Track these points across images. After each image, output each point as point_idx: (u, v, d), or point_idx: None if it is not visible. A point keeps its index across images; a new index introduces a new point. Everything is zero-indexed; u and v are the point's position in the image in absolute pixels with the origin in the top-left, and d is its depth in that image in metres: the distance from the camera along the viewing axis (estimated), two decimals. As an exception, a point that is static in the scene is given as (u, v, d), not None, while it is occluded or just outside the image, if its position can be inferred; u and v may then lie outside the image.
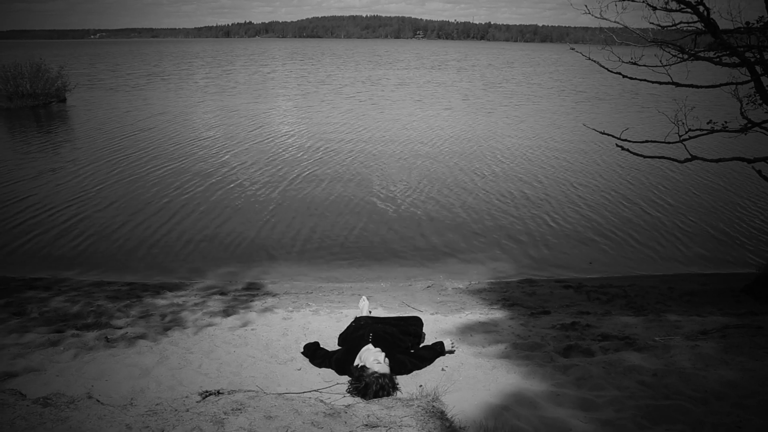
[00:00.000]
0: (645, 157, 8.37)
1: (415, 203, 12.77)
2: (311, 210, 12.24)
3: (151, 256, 9.87)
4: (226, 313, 6.80)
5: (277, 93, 35.79)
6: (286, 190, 13.69)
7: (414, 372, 4.76)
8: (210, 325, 6.23)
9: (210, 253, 10.00)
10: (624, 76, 7.82)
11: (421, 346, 5.31)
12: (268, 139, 20.04)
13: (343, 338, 5.37)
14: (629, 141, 7.95)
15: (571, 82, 45.23)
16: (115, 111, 26.76)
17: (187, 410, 3.72)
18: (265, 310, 6.94)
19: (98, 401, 3.95)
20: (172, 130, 21.70)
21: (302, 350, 5.20)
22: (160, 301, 7.49)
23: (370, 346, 4.78)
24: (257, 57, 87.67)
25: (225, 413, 3.66)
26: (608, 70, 7.87)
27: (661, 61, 7.49)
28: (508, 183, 14.52)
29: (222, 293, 8.07)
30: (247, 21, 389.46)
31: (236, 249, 10.20)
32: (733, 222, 11.71)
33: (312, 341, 5.37)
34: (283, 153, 17.73)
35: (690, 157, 7.82)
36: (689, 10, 7.00)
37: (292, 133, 21.27)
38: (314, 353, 5.09)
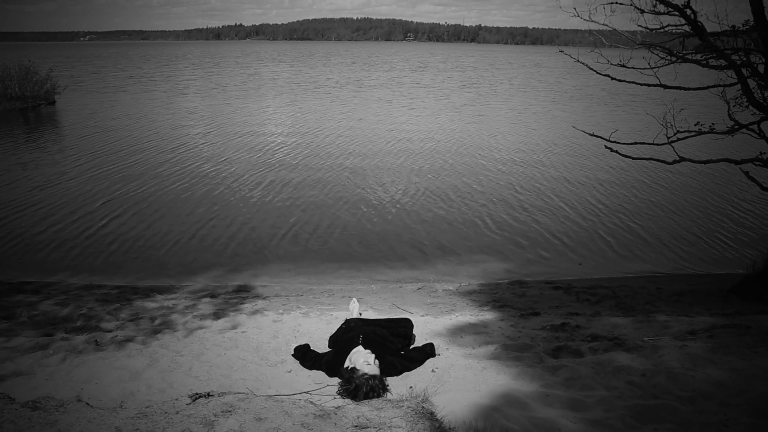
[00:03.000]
0: (633, 158, 8.43)
1: (405, 205, 12.78)
2: (300, 212, 12.22)
3: (141, 260, 9.81)
4: (217, 315, 6.78)
5: (260, 94, 36.08)
6: (273, 192, 13.66)
7: (404, 373, 4.77)
8: (200, 327, 6.21)
9: (200, 256, 9.96)
10: (613, 78, 7.88)
11: (411, 347, 5.32)
12: (255, 139, 20.01)
13: (333, 340, 5.37)
14: (618, 143, 8.00)
15: (557, 84, 45.57)
16: (104, 113, 26.59)
17: (177, 412, 3.72)
18: (256, 312, 6.92)
19: (88, 404, 3.94)
20: (167, 131, 21.66)
21: (293, 352, 5.21)
22: (150, 304, 7.46)
23: (360, 347, 4.79)
24: (243, 59, 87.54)
25: (215, 415, 3.66)
26: (597, 73, 7.91)
27: (649, 63, 7.55)
28: (497, 186, 14.57)
29: (212, 296, 8.04)
30: (238, 23, 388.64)
31: (226, 252, 10.17)
32: (720, 223, 11.81)
33: (302, 343, 5.37)
34: (270, 154, 17.70)
35: (678, 158, 7.88)
36: (676, 13, 7.06)
37: (275, 134, 21.27)
38: (305, 355, 5.10)
